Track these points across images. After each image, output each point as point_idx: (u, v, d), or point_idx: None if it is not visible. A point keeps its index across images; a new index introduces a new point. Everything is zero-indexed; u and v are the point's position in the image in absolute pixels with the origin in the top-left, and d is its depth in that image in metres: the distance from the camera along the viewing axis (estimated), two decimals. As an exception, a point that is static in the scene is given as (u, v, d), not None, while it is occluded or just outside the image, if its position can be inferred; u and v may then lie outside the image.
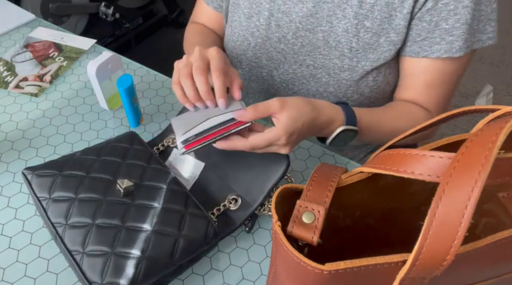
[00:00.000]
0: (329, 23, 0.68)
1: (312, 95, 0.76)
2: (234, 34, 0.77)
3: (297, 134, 0.53)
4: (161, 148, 0.65)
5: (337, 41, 0.68)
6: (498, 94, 2.05)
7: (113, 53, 0.70)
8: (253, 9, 0.73)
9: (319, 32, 0.69)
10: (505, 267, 0.39)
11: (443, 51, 0.64)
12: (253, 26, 0.74)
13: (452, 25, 0.63)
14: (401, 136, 0.40)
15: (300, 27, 0.70)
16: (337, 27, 0.67)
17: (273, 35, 0.73)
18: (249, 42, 0.75)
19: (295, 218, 0.35)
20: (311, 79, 0.73)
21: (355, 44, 0.67)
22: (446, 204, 0.28)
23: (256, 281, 0.55)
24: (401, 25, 0.65)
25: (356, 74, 0.70)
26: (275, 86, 0.78)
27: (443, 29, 0.63)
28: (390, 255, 0.32)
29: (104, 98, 0.72)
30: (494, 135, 0.28)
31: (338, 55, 0.69)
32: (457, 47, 0.64)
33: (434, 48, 0.65)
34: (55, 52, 0.87)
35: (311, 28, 0.69)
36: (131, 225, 0.51)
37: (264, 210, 0.59)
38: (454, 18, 0.62)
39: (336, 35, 0.68)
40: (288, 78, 0.75)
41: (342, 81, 0.71)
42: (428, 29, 0.64)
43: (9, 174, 0.65)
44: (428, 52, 0.66)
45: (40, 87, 0.79)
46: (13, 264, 0.54)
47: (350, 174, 0.40)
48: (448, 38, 0.64)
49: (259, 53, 0.76)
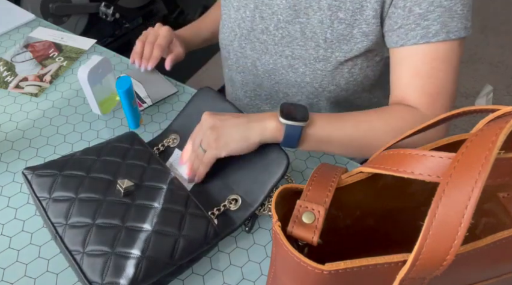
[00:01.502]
0: (306, 14, 0.69)
1: (292, 86, 0.78)
2: (224, 26, 0.81)
3: (216, 116, 0.58)
4: (162, 148, 0.66)
5: (313, 32, 0.70)
6: (498, 94, 2.05)
7: (103, 57, 0.70)
8: (241, 2, 0.76)
9: (297, 23, 0.71)
10: (505, 267, 0.39)
11: (419, 37, 0.62)
12: (240, 18, 0.77)
13: (425, 9, 0.61)
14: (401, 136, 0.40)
15: (281, 19, 0.72)
16: (313, 18, 0.69)
17: (257, 27, 0.75)
18: (236, 33, 0.79)
19: (295, 218, 0.35)
20: (290, 70, 0.75)
21: (329, 35, 0.69)
22: (446, 204, 0.28)
23: (256, 281, 0.55)
24: (370, 15, 0.65)
25: (330, 64, 0.71)
26: (259, 77, 0.81)
27: (417, 14, 0.61)
28: (390, 255, 0.32)
29: (97, 103, 0.72)
30: (494, 135, 0.28)
31: (313, 46, 0.71)
32: (433, 31, 0.61)
33: (409, 35, 0.63)
34: (55, 52, 0.87)
35: (290, 20, 0.71)
36: (131, 225, 0.51)
37: (264, 210, 0.59)
38: (427, 2, 0.60)
39: (312, 27, 0.70)
40: (270, 68, 0.78)
41: (317, 71, 0.73)
42: (403, 15, 0.62)
43: (9, 174, 0.65)
44: (404, 40, 0.63)
45: (40, 87, 0.79)
46: (13, 264, 0.54)
47: (350, 174, 0.40)
48: (423, 23, 0.61)
49: (244, 43, 0.79)
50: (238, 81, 0.86)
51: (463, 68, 2.12)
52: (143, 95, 0.77)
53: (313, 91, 0.76)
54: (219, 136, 0.57)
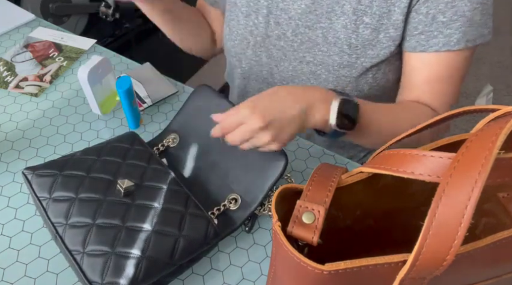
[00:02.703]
0: (328, 19, 0.68)
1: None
2: (233, 33, 0.77)
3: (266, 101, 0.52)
4: (161, 148, 0.65)
5: (336, 37, 0.68)
6: (498, 94, 2.04)
7: (103, 57, 0.70)
8: (251, 7, 0.73)
9: (318, 28, 0.69)
10: (505, 267, 0.39)
11: (441, 44, 0.64)
12: (252, 24, 0.74)
13: (449, 18, 0.62)
14: (401, 135, 0.40)
15: (300, 24, 0.70)
16: (336, 23, 0.67)
17: (273, 33, 0.73)
18: (248, 41, 0.76)
19: (295, 218, 0.35)
20: (311, 76, 0.73)
21: (354, 40, 0.67)
22: (446, 204, 0.28)
23: (256, 281, 0.55)
24: (399, 20, 0.65)
25: (355, 70, 0.70)
26: (275, 84, 0.78)
27: (440, 22, 0.62)
28: (390, 255, 0.32)
29: (97, 103, 0.71)
30: (494, 135, 0.28)
31: (337, 52, 0.69)
32: (454, 40, 0.63)
33: (431, 42, 0.64)
34: (55, 52, 0.87)
35: (310, 25, 0.69)
36: (131, 225, 0.51)
37: (264, 210, 0.59)
38: (451, 11, 0.61)
39: (335, 32, 0.68)
40: (288, 75, 0.76)
41: (341, 78, 0.71)
42: (425, 22, 0.63)
43: (9, 174, 0.65)
44: (425, 47, 0.65)
45: (40, 87, 0.79)
46: (13, 264, 0.54)
47: (350, 174, 0.40)
48: (446, 31, 0.63)
49: (259, 51, 0.76)
50: (251, 87, 0.82)
51: (463, 68, 2.12)
52: (143, 95, 0.77)
53: None
54: (280, 140, 0.53)
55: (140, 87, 0.78)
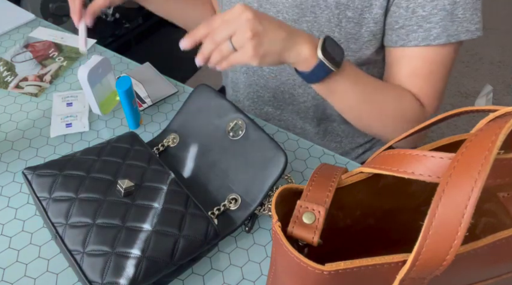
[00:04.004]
0: (313, 13, 0.69)
1: (298, 86, 0.77)
2: None
3: (257, 15, 0.52)
4: (161, 148, 0.66)
5: (320, 31, 0.69)
6: (498, 94, 2.04)
7: (103, 57, 0.70)
8: (243, 0, 0.74)
9: (303, 22, 0.70)
10: (505, 267, 0.39)
11: (421, 39, 0.63)
12: None
13: (429, 11, 0.61)
14: (402, 136, 0.40)
15: (287, 18, 0.71)
16: (320, 17, 0.68)
17: None
18: None
19: (295, 219, 0.35)
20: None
21: (337, 34, 0.68)
22: (446, 204, 0.28)
23: (256, 281, 0.55)
24: (378, 14, 0.65)
25: None
26: (264, 77, 0.80)
27: (420, 16, 0.62)
28: (390, 255, 0.32)
29: (97, 103, 0.71)
30: (494, 135, 0.28)
31: None
32: (434, 34, 0.62)
33: (411, 36, 0.63)
34: (55, 52, 0.87)
35: (296, 19, 0.70)
36: (131, 225, 0.51)
37: (264, 210, 0.59)
38: (431, 5, 0.61)
39: (319, 25, 0.69)
40: (276, 68, 0.77)
41: None
42: (405, 16, 0.63)
43: (9, 174, 0.65)
44: (405, 41, 0.64)
45: (40, 87, 0.79)
46: (13, 264, 0.54)
47: (350, 174, 0.40)
48: (426, 25, 0.62)
49: None
50: (242, 82, 0.84)
51: (463, 68, 2.12)
52: (143, 95, 0.77)
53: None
54: (260, 43, 0.52)
55: (140, 87, 0.78)
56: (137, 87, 0.78)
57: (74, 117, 0.73)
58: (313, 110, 0.80)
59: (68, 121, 0.72)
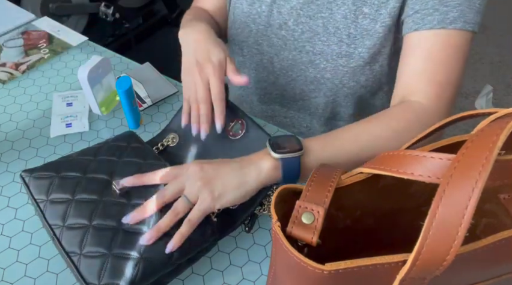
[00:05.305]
0: (329, 9, 0.69)
1: (310, 82, 0.76)
2: (236, 21, 0.78)
3: (202, 165, 0.52)
4: (161, 148, 0.65)
5: (336, 27, 0.69)
6: (498, 94, 2.04)
7: (103, 57, 0.70)
8: None
9: (319, 18, 0.70)
10: (505, 268, 0.38)
11: (436, 22, 0.60)
12: (255, 12, 0.75)
13: None
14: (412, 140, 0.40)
15: (301, 14, 0.71)
16: (336, 13, 0.68)
17: (275, 22, 0.74)
18: (251, 29, 0.77)
19: (294, 219, 0.35)
20: (309, 65, 0.74)
21: (353, 30, 0.68)
22: (446, 204, 0.28)
23: (256, 281, 0.55)
24: (395, 7, 0.64)
25: (352, 60, 0.70)
26: (275, 73, 0.79)
27: (436, 0, 0.60)
28: (390, 255, 0.32)
29: (97, 103, 0.71)
30: (494, 136, 0.28)
31: (336, 41, 0.70)
32: (451, 17, 0.60)
33: (426, 19, 0.61)
34: (44, 43, 0.88)
35: (312, 15, 0.70)
36: (128, 226, 0.50)
37: (264, 210, 0.59)
38: None
39: (335, 22, 0.69)
40: (288, 64, 0.76)
41: (339, 67, 0.72)
42: (421, 0, 0.61)
43: (9, 174, 0.65)
44: (420, 25, 0.62)
45: (11, 75, 0.80)
46: (13, 264, 0.54)
47: (349, 175, 0.40)
48: (442, 8, 0.60)
49: (260, 39, 0.77)
50: (251, 77, 0.83)
51: (463, 68, 2.12)
52: (143, 95, 0.77)
53: (333, 88, 0.75)
54: (213, 188, 0.50)
55: (140, 87, 0.78)
56: (137, 87, 0.78)
57: (74, 117, 0.73)
58: (322, 107, 0.80)
59: (68, 121, 0.72)
